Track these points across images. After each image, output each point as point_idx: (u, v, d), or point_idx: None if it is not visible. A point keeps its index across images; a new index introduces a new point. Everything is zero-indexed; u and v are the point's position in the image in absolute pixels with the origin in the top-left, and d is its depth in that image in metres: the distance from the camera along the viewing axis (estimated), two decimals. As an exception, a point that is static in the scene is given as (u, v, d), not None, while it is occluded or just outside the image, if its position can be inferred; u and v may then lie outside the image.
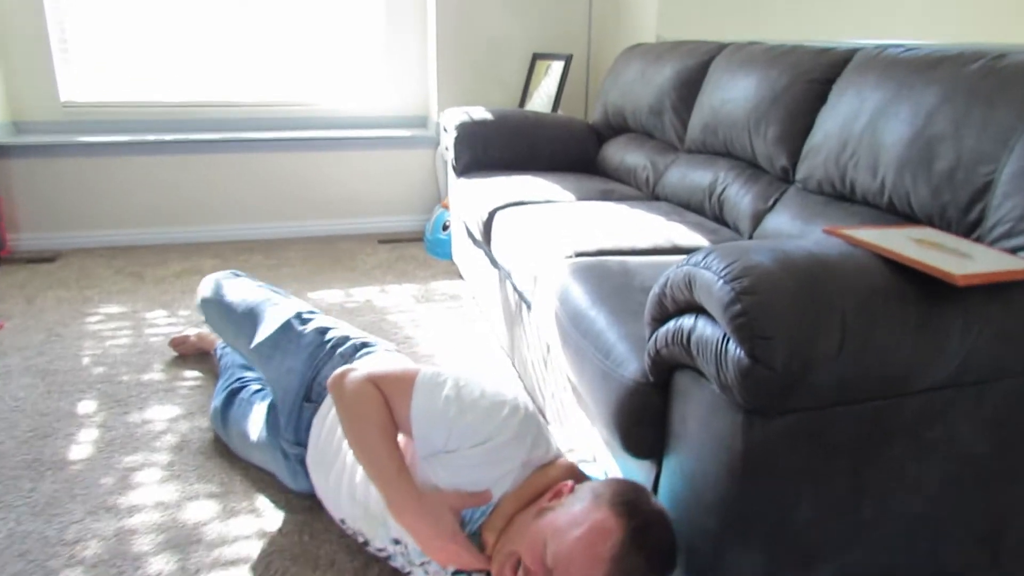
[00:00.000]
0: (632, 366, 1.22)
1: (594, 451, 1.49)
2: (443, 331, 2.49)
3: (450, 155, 2.89)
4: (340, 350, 1.54)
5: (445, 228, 3.37)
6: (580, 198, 2.40)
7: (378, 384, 1.28)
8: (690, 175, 2.29)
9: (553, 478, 1.24)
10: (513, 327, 2.11)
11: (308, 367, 1.52)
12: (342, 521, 1.40)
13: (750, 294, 0.92)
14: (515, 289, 2.07)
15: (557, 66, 3.42)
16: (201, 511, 1.54)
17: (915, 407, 1.05)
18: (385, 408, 1.25)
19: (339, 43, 3.63)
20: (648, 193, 2.53)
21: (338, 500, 1.39)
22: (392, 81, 3.73)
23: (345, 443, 1.39)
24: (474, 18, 3.53)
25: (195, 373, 2.15)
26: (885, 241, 1.10)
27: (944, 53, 1.52)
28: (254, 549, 1.43)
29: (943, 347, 1.01)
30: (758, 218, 1.94)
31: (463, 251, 2.87)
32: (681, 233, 1.94)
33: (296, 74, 3.62)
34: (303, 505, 1.56)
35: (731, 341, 0.96)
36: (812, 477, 1.03)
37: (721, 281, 0.96)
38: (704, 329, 1.02)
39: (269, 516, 1.53)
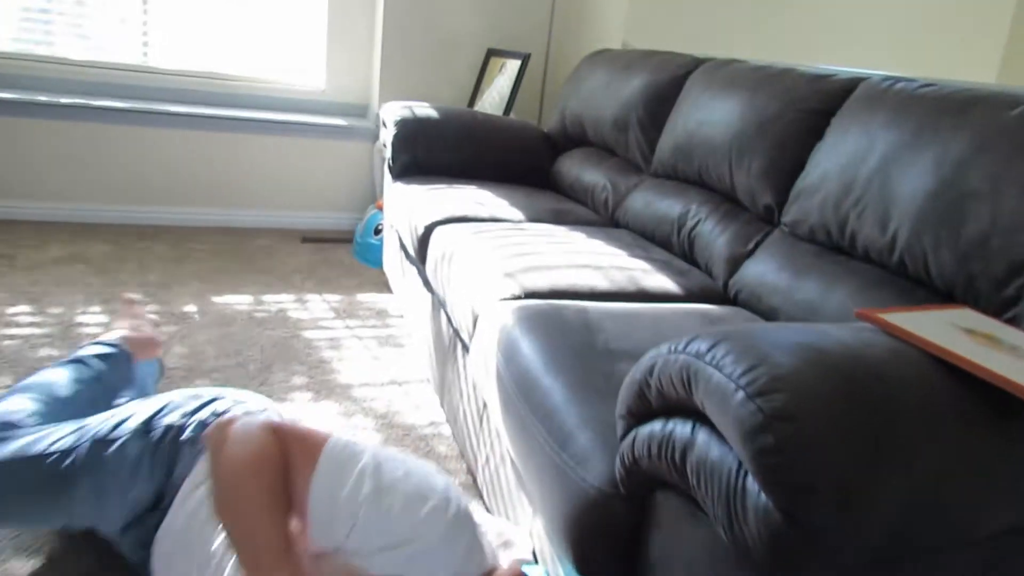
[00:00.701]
0: (597, 467, 0.94)
1: (537, 548, 1.20)
2: (364, 356, 2.16)
3: (388, 154, 2.56)
4: (183, 438, 1.14)
5: (378, 232, 3.03)
6: (530, 218, 2.11)
7: (280, 436, 0.97)
8: (656, 203, 2.03)
9: None
10: (445, 366, 1.80)
11: (148, 483, 1.12)
12: None
13: (786, 420, 0.65)
14: (450, 323, 1.76)
15: (513, 65, 3.13)
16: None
17: (968, 561, 0.80)
18: (281, 468, 0.95)
19: (275, 13, 3.24)
20: (607, 217, 2.26)
21: None
22: (333, 63, 3.35)
23: (205, 548, 1.05)
24: (426, 3, 3.20)
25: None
26: (935, 334, 0.85)
27: (974, 93, 1.29)
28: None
29: (1018, 485, 0.76)
30: (735, 262, 1.69)
31: (395, 262, 2.54)
32: (647, 273, 1.67)
33: (222, 43, 3.20)
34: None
35: (750, 477, 0.68)
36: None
37: (742, 393, 0.68)
38: (708, 448, 0.74)
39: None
